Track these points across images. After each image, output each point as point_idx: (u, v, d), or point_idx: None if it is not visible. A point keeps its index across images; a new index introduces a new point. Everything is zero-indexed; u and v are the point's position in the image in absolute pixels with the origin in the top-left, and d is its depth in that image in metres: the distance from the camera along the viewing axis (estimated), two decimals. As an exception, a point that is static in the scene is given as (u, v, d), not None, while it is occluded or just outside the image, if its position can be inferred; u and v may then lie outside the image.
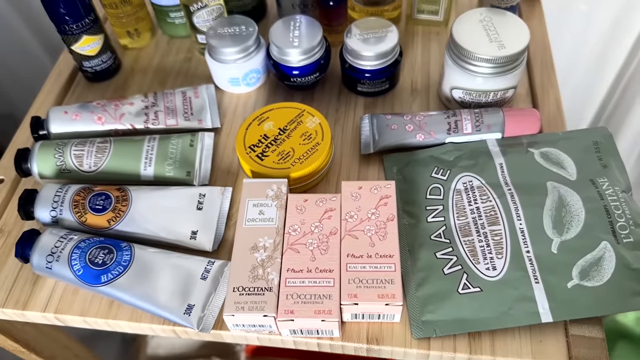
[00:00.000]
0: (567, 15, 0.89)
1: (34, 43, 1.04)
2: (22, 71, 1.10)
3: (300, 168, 0.48)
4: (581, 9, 0.88)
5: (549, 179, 0.48)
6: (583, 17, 0.89)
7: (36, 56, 1.07)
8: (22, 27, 1.01)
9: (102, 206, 0.48)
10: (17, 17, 0.99)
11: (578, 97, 1.04)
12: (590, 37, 0.93)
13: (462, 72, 0.51)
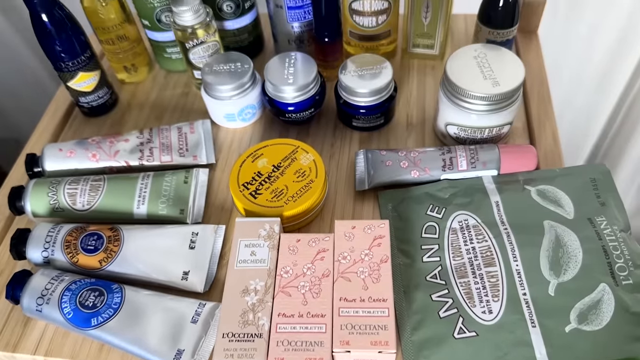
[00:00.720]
0: (565, 47, 0.89)
1: (40, 70, 1.06)
2: (28, 97, 1.11)
3: (293, 206, 0.48)
4: (582, 32, 0.88)
5: (545, 218, 0.47)
6: (583, 45, 0.89)
7: (42, 82, 1.08)
8: (28, 55, 1.02)
9: (94, 246, 0.47)
10: (23, 44, 1.00)
11: (577, 128, 1.04)
12: (588, 68, 0.93)
13: (456, 108, 0.51)
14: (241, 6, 0.61)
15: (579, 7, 0.84)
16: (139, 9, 0.60)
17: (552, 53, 0.87)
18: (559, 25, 0.86)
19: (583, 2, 0.83)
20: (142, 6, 0.59)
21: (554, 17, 0.84)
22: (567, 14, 0.85)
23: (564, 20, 0.86)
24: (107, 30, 0.59)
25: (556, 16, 0.85)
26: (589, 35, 0.88)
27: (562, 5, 0.84)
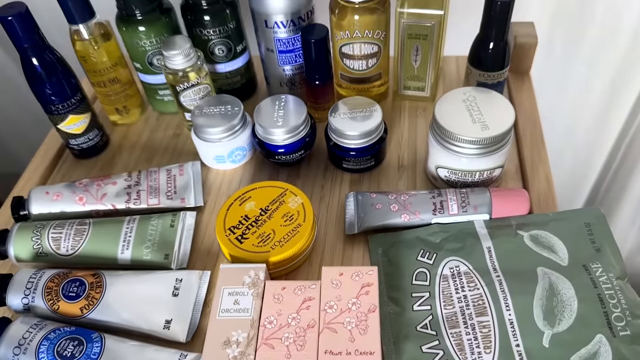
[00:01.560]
0: (561, 88, 0.89)
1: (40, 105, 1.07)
2: (30, 132, 1.11)
3: (280, 252, 0.47)
4: (579, 70, 0.88)
5: (539, 265, 0.46)
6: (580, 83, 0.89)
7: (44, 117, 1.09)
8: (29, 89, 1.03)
9: (76, 293, 0.46)
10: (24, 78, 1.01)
11: (575, 169, 1.03)
12: (585, 108, 0.93)
13: (446, 152, 0.50)
14: (233, 50, 0.61)
15: (574, 47, 0.85)
16: (130, 53, 0.60)
17: (548, 93, 0.87)
18: (554, 65, 0.87)
19: (578, 42, 0.84)
20: (134, 50, 0.59)
21: (549, 58, 0.85)
22: (562, 54, 0.86)
23: (560, 60, 0.86)
24: (99, 73, 0.60)
25: (551, 57, 0.85)
26: (585, 75, 0.88)
27: (558, 46, 0.85)
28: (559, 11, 0.79)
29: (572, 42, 0.84)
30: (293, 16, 0.56)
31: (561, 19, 0.80)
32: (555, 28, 0.82)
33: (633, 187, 0.99)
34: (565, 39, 0.83)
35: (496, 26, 0.54)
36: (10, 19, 0.50)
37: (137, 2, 0.56)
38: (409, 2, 0.55)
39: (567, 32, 0.82)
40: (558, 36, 0.83)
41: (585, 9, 0.78)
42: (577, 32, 0.82)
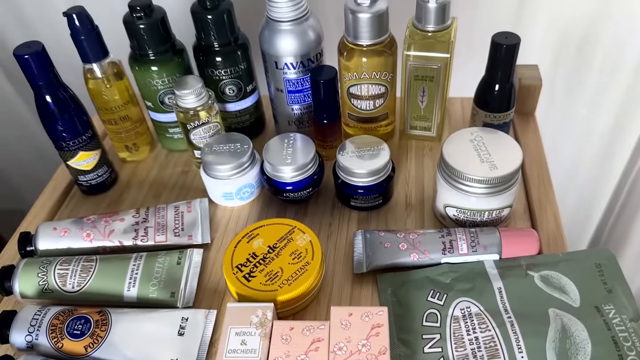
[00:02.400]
0: (563, 130, 0.91)
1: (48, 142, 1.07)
2: (35, 168, 1.12)
3: (288, 290, 0.46)
4: (580, 112, 0.89)
5: (550, 306, 0.45)
6: (582, 125, 0.90)
7: (49, 154, 1.10)
8: (37, 126, 1.04)
9: (80, 331, 0.45)
10: (32, 115, 1.02)
11: (579, 210, 1.03)
12: (587, 150, 0.93)
13: (454, 191, 0.50)
14: (243, 90, 0.62)
15: (575, 89, 0.86)
16: (142, 91, 0.62)
17: (550, 135, 0.89)
18: (556, 107, 0.88)
19: (580, 85, 0.85)
20: (146, 89, 0.61)
21: (551, 100, 0.86)
22: (563, 96, 0.87)
23: (561, 101, 0.87)
24: (111, 111, 0.61)
25: (553, 98, 0.87)
26: (586, 117, 0.89)
27: (559, 87, 0.86)
28: (560, 53, 0.81)
29: (574, 84, 0.85)
30: (303, 58, 0.58)
31: (562, 62, 0.82)
32: (557, 70, 0.83)
33: (636, 232, 0.98)
34: (566, 80, 0.85)
35: (502, 69, 0.55)
36: (26, 58, 0.51)
37: (151, 43, 0.57)
38: (416, 45, 0.56)
39: (568, 74, 0.84)
40: (559, 78, 0.84)
41: (585, 51, 0.80)
42: (579, 74, 0.84)
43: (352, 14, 0.54)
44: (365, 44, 0.56)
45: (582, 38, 0.79)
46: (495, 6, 0.77)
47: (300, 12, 0.56)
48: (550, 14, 0.77)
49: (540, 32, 0.79)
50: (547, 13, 0.76)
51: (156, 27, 0.57)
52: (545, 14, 0.77)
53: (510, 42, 0.54)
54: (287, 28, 0.56)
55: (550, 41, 0.80)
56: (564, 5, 0.75)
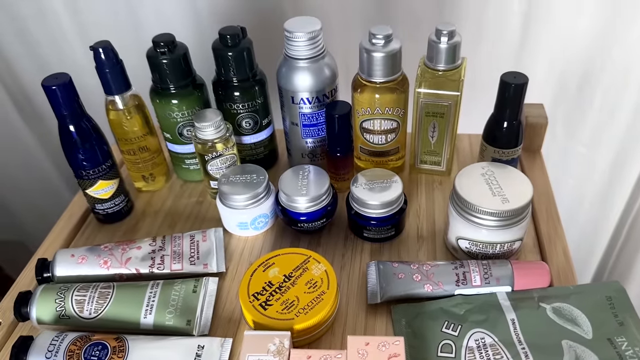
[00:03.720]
0: (564, 168, 0.92)
1: (53, 173, 1.08)
2: (38, 200, 1.13)
3: (304, 319, 0.47)
4: (580, 151, 0.91)
5: (563, 338, 0.46)
6: (582, 163, 0.92)
7: (55, 188, 1.11)
8: (42, 158, 1.05)
9: (98, 357, 0.46)
10: (39, 147, 1.03)
11: (581, 245, 1.04)
12: (588, 187, 0.95)
13: (467, 223, 0.52)
14: (259, 123, 0.64)
15: (575, 129, 0.89)
16: (162, 123, 0.64)
17: (550, 173, 0.91)
18: (557, 146, 0.90)
19: (579, 124, 0.88)
20: (166, 121, 0.63)
21: (552, 139, 0.88)
22: (564, 136, 0.89)
23: (562, 141, 0.90)
24: (130, 142, 0.62)
25: (554, 138, 0.89)
26: (587, 156, 0.91)
27: (559, 128, 0.89)
28: (560, 93, 0.84)
29: (574, 123, 0.88)
30: (318, 93, 0.60)
31: (562, 101, 0.85)
32: (557, 109, 0.86)
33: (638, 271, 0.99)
34: (566, 120, 0.87)
35: (510, 107, 0.58)
36: (54, 89, 0.53)
37: (172, 77, 0.60)
38: (427, 83, 0.59)
39: (568, 114, 0.86)
40: (560, 117, 0.87)
41: (585, 91, 0.83)
42: (579, 113, 0.86)
43: (366, 52, 0.57)
44: (379, 81, 0.58)
45: (582, 78, 0.81)
46: (496, 47, 0.80)
47: (317, 51, 0.58)
48: (550, 55, 0.80)
49: (540, 72, 0.82)
50: (548, 54, 0.80)
51: (178, 62, 0.59)
52: (546, 55, 0.80)
53: (519, 82, 0.56)
54: (304, 65, 0.59)
55: (551, 81, 0.83)
56: (564, 47, 0.78)
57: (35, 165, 1.07)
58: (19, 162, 1.06)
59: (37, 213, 1.15)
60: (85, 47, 0.85)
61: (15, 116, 0.98)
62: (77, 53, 0.86)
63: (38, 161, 1.06)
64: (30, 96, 0.96)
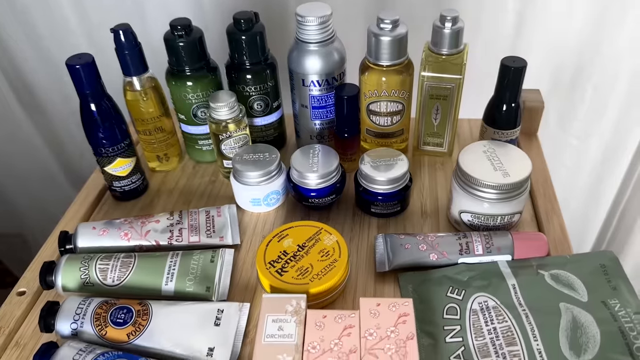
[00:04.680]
0: (558, 156, 0.96)
1: (54, 166, 1.09)
2: (38, 194, 1.13)
3: (319, 284, 0.50)
4: (572, 143, 0.95)
5: (561, 300, 0.49)
6: (574, 155, 0.96)
7: (54, 178, 1.11)
8: (44, 151, 1.06)
9: (123, 320, 0.48)
10: (41, 140, 1.05)
11: (574, 234, 1.07)
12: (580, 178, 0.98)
13: (469, 197, 0.55)
14: (270, 105, 0.67)
15: (568, 122, 0.92)
16: (176, 105, 0.66)
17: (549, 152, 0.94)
18: (551, 139, 0.93)
19: (571, 117, 0.91)
20: (181, 102, 0.65)
21: (546, 132, 0.91)
22: (557, 129, 0.92)
23: (555, 134, 0.93)
24: (146, 122, 0.65)
25: (548, 131, 0.92)
26: (579, 147, 0.94)
27: (552, 121, 0.92)
28: (553, 89, 0.87)
29: (566, 117, 0.91)
30: (327, 76, 0.63)
31: (554, 96, 0.88)
32: (549, 104, 0.89)
33: (629, 253, 1.03)
34: (558, 113, 0.91)
35: (510, 89, 0.61)
36: (77, 68, 0.56)
37: (188, 61, 0.62)
38: (431, 67, 0.62)
39: (560, 108, 0.90)
40: (552, 112, 0.90)
41: (576, 86, 0.86)
42: (570, 107, 0.89)
43: (374, 36, 0.60)
44: (386, 64, 0.61)
45: (574, 73, 0.85)
46: (489, 45, 0.82)
47: (327, 35, 0.61)
48: (543, 52, 0.83)
49: (533, 68, 0.84)
50: (541, 51, 0.83)
51: (194, 45, 0.62)
52: (539, 52, 0.83)
53: (518, 65, 0.59)
54: (315, 49, 0.61)
55: (543, 77, 0.86)
56: (556, 44, 0.82)
57: (36, 157, 1.07)
58: (19, 154, 1.07)
59: (38, 206, 1.16)
60: (87, 35, 0.87)
61: (16, 107, 0.99)
62: (80, 43, 0.87)
63: (39, 153, 1.07)
64: (30, 87, 0.96)
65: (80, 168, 1.09)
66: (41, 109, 1.00)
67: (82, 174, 1.09)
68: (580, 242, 1.11)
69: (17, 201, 1.17)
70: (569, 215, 1.04)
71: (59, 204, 0.85)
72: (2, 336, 0.51)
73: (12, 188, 1.14)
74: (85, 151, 0.64)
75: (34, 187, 1.13)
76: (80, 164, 1.08)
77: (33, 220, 1.18)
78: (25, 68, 0.94)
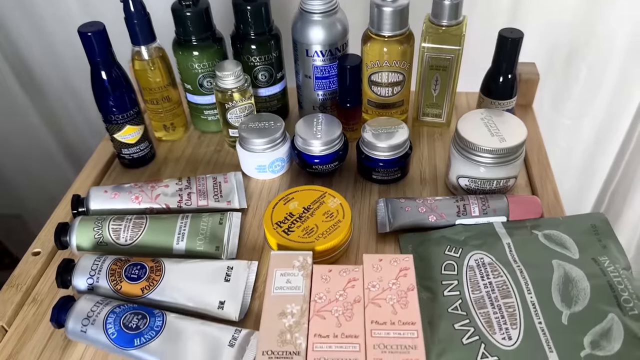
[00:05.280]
0: (553, 135, 0.98)
1: (53, 146, 1.10)
2: (38, 174, 1.14)
3: (324, 242, 0.52)
4: (566, 123, 0.97)
5: (553, 258, 0.52)
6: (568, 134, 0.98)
7: (53, 158, 1.12)
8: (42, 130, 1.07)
9: (137, 275, 0.51)
10: (39, 119, 1.05)
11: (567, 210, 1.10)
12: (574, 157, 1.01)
13: (467, 162, 0.57)
14: (274, 76, 0.69)
15: (562, 102, 0.94)
16: (183, 75, 0.68)
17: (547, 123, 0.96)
18: (545, 118, 0.95)
19: (565, 98, 0.93)
20: (187, 72, 0.67)
21: (540, 112, 0.93)
22: (551, 109, 0.94)
23: (549, 114, 0.95)
24: (153, 92, 0.67)
25: (542, 111, 0.94)
26: (572, 127, 0.96)
27: (547, 101, 0.94)
28: (548, 69, 0.88)
29: (560, 97, 0.93)
30: (331, 47, 0.65)
31: (549, 77, 0.89)
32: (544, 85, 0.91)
33: (620, 229, 1.06)
34: (553, 94, 0.93)
35: (507, 60, 0.63)
36: (89, 35, 0.57)
37: (195, 30, 0.64)
38: (431, 38, 0.64)
39: (554, 88, 0.92)
40: (546, 92, 0.92)
41: (571, 67, 0.88)
42: (564, 88, 0.91)
43: (377, 7, 0.62)
44: (388, 34, 0.63)
45: (568, 54, 0.86)
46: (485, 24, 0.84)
47: (331, 6, 0.63)
48: (538, 32, 0.84)
49: (528, 49, 0.86)
50: (536, 32, 0.84)
51: (201, 16, 0.64)
52: (534, 33, 0.84)
53: (515, 36, 0.61)
54: (318, 19, 0.63)
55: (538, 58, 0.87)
56: (551, 24, 0.83)
57: (35, 137, 1.08)
58: (18, 134, 1.07)
59: (36, 186, 1.17)
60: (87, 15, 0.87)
61: (16, 87, 0.99)
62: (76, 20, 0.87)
63: (38, 133, 1.07)
64: (30, 66, 0.97)
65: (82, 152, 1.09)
66: (38, 87, 1.01)
67: (81, 154, 1.10)
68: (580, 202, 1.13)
69: (16, 181, 1.18)
70: (563, 193, 1.08)
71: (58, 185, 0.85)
72: (19, 293, 0.54)
73: (11, 167, 1.15)
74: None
75: (32, 166, 1.14)
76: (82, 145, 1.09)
77: (32, 201, 1.19)
78: (23, 48, 0.94)
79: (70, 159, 1.13)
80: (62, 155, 1.12)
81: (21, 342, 0.50)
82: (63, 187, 0.67)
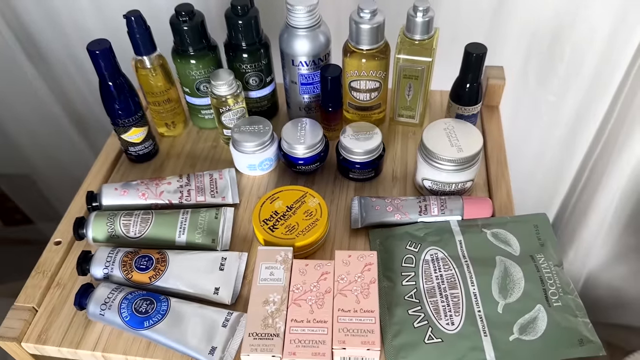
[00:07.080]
0: (537, 111, 1.04)
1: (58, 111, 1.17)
2: (44, 137, 1.21)
3: (303, 239, 0.62)
4: (550, 100, 1.02)
5: (497, 254, 0.61)
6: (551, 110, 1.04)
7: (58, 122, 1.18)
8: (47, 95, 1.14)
9: (146, 266, 0.60)
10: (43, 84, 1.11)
11: (545, 191, 1.17)
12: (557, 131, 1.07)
13: (430, 167, 0.65)
14: (264, 80, 0.76)
15: (546, 80, 0.99)
16: (182, 80, 0.75)
17: (524, 118, 1.03)
18: (530, 95, 1.01)
19: (550, 75, 0.98)
20: (185, 77, 0.74)
21: (526, 89, 0.99)
22: (536, 86, 1.00)
23: (535, 90, 1.00)
24: (155, 95, 0.74)
25: (527, 88, 1.00)
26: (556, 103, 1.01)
27: (532, 79, 0.99)
28: (533, 48, 0.93)
29: (544, 75, 0.98)
30: (314, 57, 0.72)
31: (534, 55, 0.94)
32: (529, 62, 0.96)
33: (597, 204, 1.13)
34: (538, 71, 0.98)
35: (472, 72, 0.70)
36: (97, 53, 0.64)
37: (191, 41, 0.71)
38: (405, 50, 0.71)
39: (539, 66, 0.97)
40: (532, 69, 0.96)
41: (555, 46, 0.93)
42: (549, 66, 0.96)
43: (355, 24, 0.68)
44: (365, 48, 0.70)
45: (553, 34, 0.91)
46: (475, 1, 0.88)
47: (314, 21, 0.69)
48: (525, 13, 0.88)
49: (516, 28, 0.90)
50: (523, 13, 0.88)
51: (197, 28, 0.70)
52: (521, 14, 0.88)
53: (479, 52, 0.68)
54: (303, 34, 0.70)
55: (525, 37, 0.92)
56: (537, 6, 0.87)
57: (40, 101, 1.14)
58: (24, 99, 1.13)
59: (43, 148, 1.24)
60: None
61: (22, 57, 1.04)
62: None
63: (43, 98, 1.13)
64: (34, 38, 1.01)
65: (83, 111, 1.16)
66: (42, 55, 1.05)
67: (83, 116, 1.17)
68: (556, 189, 1.20)
69: (23, 144, 1.24)
70: (545, 165, 1.15)
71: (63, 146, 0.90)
72: (45, 278, 0.63)
73: (18, 133, 1.22)
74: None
75: (39, 131, 1.20)
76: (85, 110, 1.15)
77: (39, 162, 1.26)
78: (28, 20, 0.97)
79: (73, 122, 1.19)
80: (67, 119, 1.18)
81: (49, 320, 0.60)
82: (67, 149, 0.73)
